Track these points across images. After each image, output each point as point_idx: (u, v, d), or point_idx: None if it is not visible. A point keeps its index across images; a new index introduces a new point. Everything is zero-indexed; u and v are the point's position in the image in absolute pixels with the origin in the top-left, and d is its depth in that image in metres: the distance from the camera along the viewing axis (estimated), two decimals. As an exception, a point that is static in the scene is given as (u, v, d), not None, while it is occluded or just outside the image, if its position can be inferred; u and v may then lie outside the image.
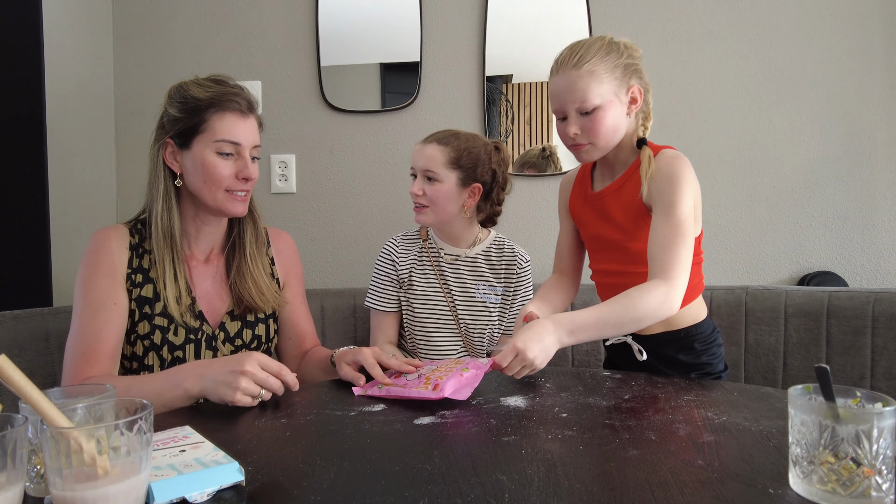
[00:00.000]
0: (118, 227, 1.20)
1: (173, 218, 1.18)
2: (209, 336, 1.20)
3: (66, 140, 1.81)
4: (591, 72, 1.11)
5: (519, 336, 0.99)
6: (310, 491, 0.66)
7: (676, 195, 1.09)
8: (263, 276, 1.26)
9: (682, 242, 1.07)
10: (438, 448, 0.78)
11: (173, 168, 1.19)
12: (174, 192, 1.19)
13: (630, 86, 1.14)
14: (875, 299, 1.49)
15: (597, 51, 1.12)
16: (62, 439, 0.55)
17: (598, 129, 1.13)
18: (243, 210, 1.22)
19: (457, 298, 1.53)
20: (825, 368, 0.64)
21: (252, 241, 1.27)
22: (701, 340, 1.21)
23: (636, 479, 0.67)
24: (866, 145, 1.80)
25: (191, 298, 1.19)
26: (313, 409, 0.96)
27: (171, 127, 1.18)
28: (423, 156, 1.47)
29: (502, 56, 1.91)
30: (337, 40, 1.96)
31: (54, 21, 1.77)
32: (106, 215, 2.00)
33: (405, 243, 1.58)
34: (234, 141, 1.17)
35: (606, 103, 1.12)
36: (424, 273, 1.55)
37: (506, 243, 1.59)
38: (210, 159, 1.16)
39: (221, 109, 1.16)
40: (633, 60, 1.15)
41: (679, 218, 1.07)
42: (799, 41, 1.82)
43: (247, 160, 1.18)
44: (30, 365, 1.31)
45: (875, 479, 0.58)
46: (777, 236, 1.85)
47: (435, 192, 1.46)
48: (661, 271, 1.06)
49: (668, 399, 0.97)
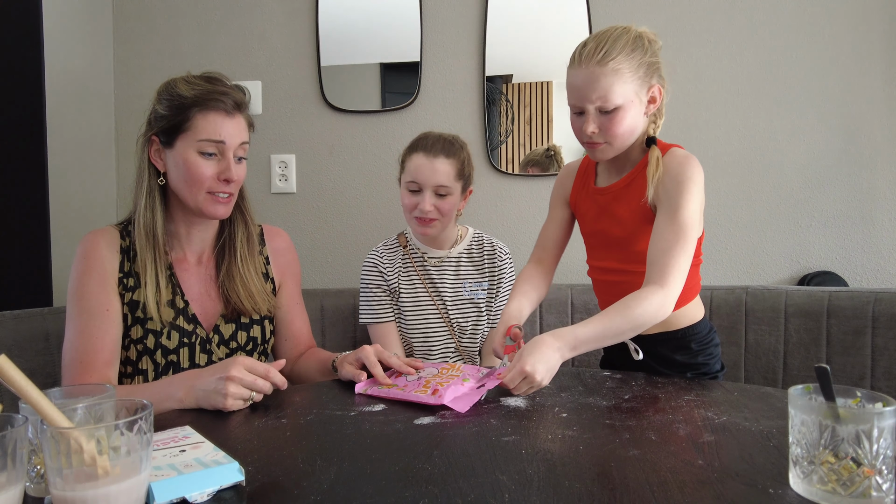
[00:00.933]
0: (108, 230, 1.19)
1: (156, 216, 1.16)
2: (203, 339, 1.18)
3: (66, 140, 1.81)
4: (617, 70, 1.07)
5: (526, 359, 0.96)
6: (310, 491, 0.66)
7: (683, 198, 1.07)
8: (254, 279, 1.24)
9: (682, 248, 1.05)
10: (438, 448, 0.78)
11: (157, 166, 1.17)
12: (159, 190, 1.17)
13: (651, 85, 1.12)
14: (875, 299, 1.49)
15: (623, 47, 1.08)
16: (62, 439, 0.55)
17: (617, 130, 1.10)
18: (225, 212, 1.19)
19: (447, 300, 1.53)
20: (825, 368, 0.64)
21: (243, 242, 1.25)
22: (698, 341, 1.21)
23: (636, 479, 0.67)
24: (866, 145, 1.80)
25: (184, 302, 1.18)
26: (313, 409, 0.96)
27: (156, 124, 1.16)
28: (436, 171, 1.43)
29: (502, 56, 1.91)
30: (337, 40, 1.96)
31: (54, 21, 1.77)
32: (106, 215, 2.00)
33: (388, 253, 1.56)
34: (217, 140, 1.14)
35: (627, 103, 1.09)
36: (410, 280, 1.54)
37: (484, 238, 1.59)
38: (192, 159, 1.13)
39: (205, 109, 1.14)
40: (655, 58, 1.12)
41: (683, 221, 1.06)
42: (799, 41, 1.81)
43: (230, 161, 1.15)
44: (30, 365, 1.31)
45: (875, 479, 0.58)
46: (777, 236, 1.85)
47: (445, 205, 1.45)
48: (658, 276, 1.05)
49: (669, 399, 0.97)
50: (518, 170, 1.93)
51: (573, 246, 1.92)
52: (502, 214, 1.94)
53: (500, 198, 1.95)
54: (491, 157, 1.93)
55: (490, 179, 1.94)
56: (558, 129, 1.92)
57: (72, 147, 1.85)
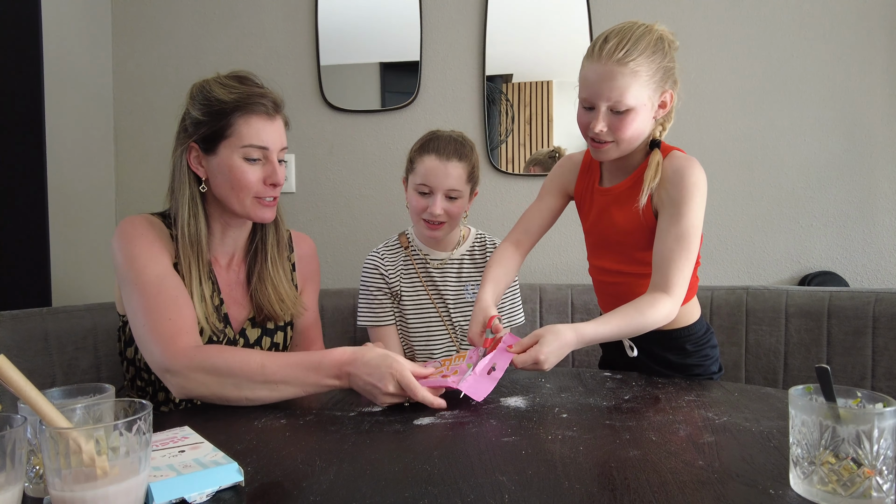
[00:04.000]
0: (154, 218, 1.15)
1: (200, 225, 1.13)
2: (230, 340, 1.16)
3: (65, 139, 1.81)
4: (636, 72, 1.05)
5: (543, 348, 0.98)
6: (310, 491, 0.65)
7: (687, 204, 1.07)
8: (284, 283, 1.22)
9: (687, 254, 1.06)
10: (438, 448, 0.77)
11: (198, 173, 1.14)
12: (200, 197, 1.14)
13: (664, 90, 1.10)
14: (876, 299, 1.48)
15: (645, 48, 1.06)
16: (61, 440, 0.55)
17: (626, 131, 1.08)
18: (272, 216, 1.17)
19: (449, 303, 1.51)
20: (826, 369, 0.63)
21: (274, 246, 1.23)
22: (693, 342, 1.20)
23: (636, 479, 0.67)
24: (867, 145, 1.80)
25: (220, 300, 1.16)
26: (313, 409, 0.96)
27: (194, 130, 1.13)
28: (448, 175, 1.39)
29: (502, 55, 1.91)
30: (337, 40, 1.96)
31: (54, 20, 1.77)
32: (105, 215, 2.00)
33: (389, 254, 1.53)
34: (262, 146, 1.11)
35: (640, 106, 1.07)
36: (412, 282, 1.51)
37: (487, 239, 1.57)
38: (237, 165, 1.11)
39: (247, 113, 1.11)
40: (673, 63, 1.11)
41: (688, 227, 1.06)
42: (799, 41, 1.81)
43: (275, 165, 1.13)
44: (29, 365, 1.31)
45: (876, 479, 0.58)
46: (777, 236, 1.85)
47: (455, 209, 1.42)
48: (663, 283, 1.06)
49: (669, 399, 0.97)
50: (521, 170, 1.93)
51: (573, 246, 1.93)
52: (502, 214, 1.94)
53: (500, 197, 1.95)
54: (491, 156, 1.93)
55: (490, 179, 1.94)
56: (559, 128, 1.92)
57: (71, 146, 1.85)
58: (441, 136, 1.45)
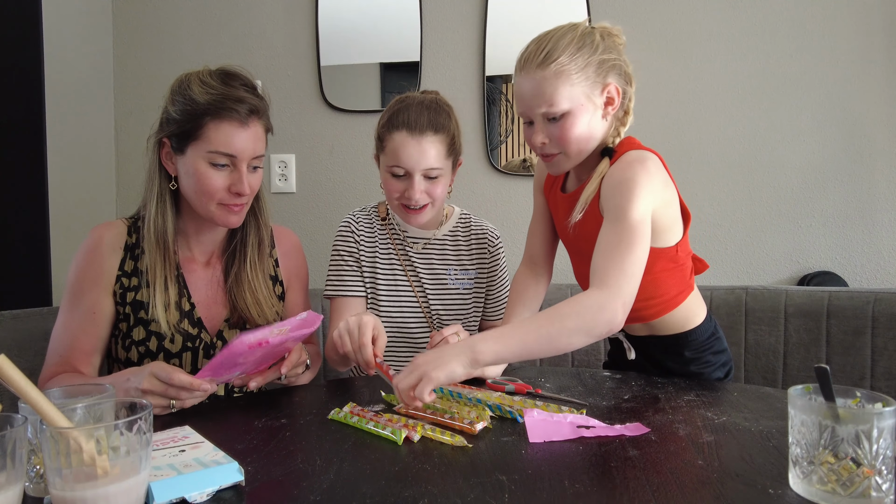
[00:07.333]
0: (116, 224, 1.16)
1: (167, 221, 1.11)
2: (207, 344, 1.15)
3: (65, 139, 1.81)
4: (559, 72, 0.98)
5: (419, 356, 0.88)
6: (310, 491, 0.66)
7: (627, 201, 0.96)
8: (261, 286, 1.19)
9: (627, 250, 0.94)
10: (438, 448, 0.78)
11: (169, 170, 1.13)
12: (170, 194, 1.13)
13: (605, 84, 1.01)
14: (875, 299, 1.49)
15: (567, 45, 0.99)
16: (62, 439, 0.55)
17: (568, 138, 1.01)
18: (237, 221, 1.14)
19: (427, 288, 1.35)
20: (825, 369, 0.64)
21: (254, 246, 1.20)
22: (692, 348, 1.14)
23: (636, 479, 0.67)
24: (866, 145, 1.80)
25: (190, 304, 1.15)
26: (313, 409, 0.96)
27: (167, 126, 1.11)
28: (424, 153, 1.22)
29: (502, 56, 1.91)
30: (337, 40, 1.96)
31: (54, 20, 1.77)
32: (105, 215, 2.00)
33: (365, 220, 1.37)
34: (229, 153, 1.08)
35: (577, 108, 1.00)
36: (389, 260, 1.35)
37: (472, 220, 1.42)
38: (202, 169, 1.08)
39: (218, 118, 1.07)
40: (609, 55, 1.02)
41: (628, 224, 0.95)
42: (798, 41, 1.81)
43: (242, 173, 1.09)
44: (30, 365, 1.31)
45: (875, 479, 0.58)
46: (777, 236, 1.85)
47: (437, 189, 1.26)
48: (598, 280, 0.93)
49: (668, 399, 0.97)
50: (520, 168, 1.93)
51: (573, 246, 1.93)
52: (502, 214, 1.94)
53: (500, 198, 1.95)
54: (491, 156, 1.93)
55: (490, 179, 1.94)
56: (558, 128, 1.92)
57: (71, 147, 1.85)
58: (411, 105, 1.25)
